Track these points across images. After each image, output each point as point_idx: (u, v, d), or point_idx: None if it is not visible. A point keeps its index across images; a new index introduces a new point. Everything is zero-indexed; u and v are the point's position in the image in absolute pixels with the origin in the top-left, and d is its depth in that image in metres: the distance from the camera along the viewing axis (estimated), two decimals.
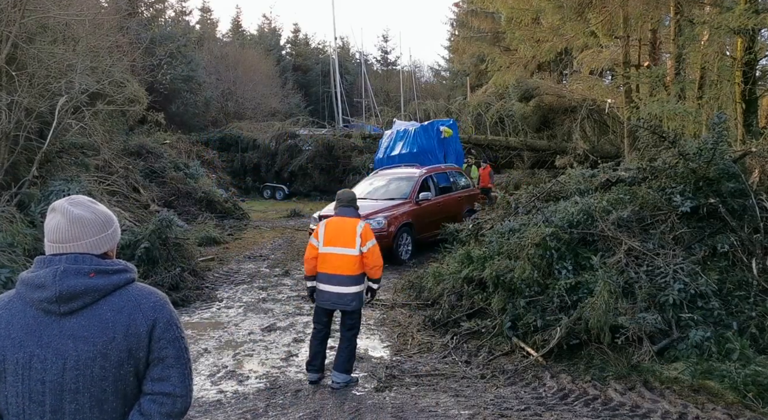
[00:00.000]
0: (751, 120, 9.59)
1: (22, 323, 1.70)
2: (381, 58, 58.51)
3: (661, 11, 11.69)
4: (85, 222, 1.79)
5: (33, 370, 1.68)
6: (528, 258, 6.25)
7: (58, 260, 1.74)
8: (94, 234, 1.80)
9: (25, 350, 1.69)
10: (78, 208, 1.80)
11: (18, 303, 1.72)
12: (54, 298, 1.69)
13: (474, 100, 23.78)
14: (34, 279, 1.71)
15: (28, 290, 1.71)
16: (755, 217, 5.99)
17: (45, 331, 1.70)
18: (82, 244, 1.78)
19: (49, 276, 1.70)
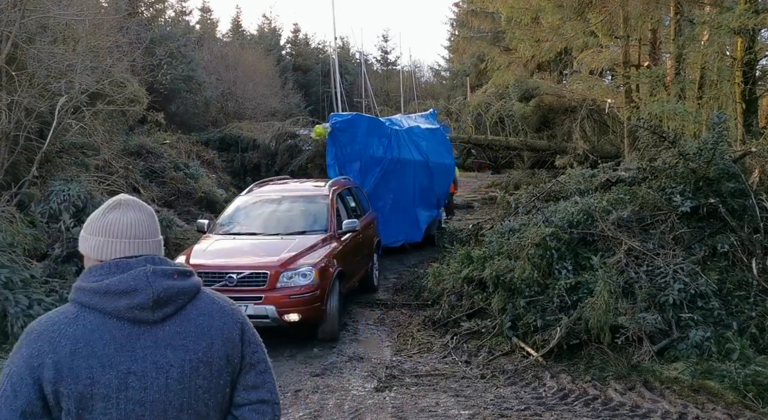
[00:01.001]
0: (751, 120, 9.58)
1: (106, 338, 1.44)
2: (381, 58, 58.53)
3: (661, 11, 11.68)
4: (151, 213, 1.61)
5: (130, 391, 1.44)
6: (528, 258, 6.25)
7: (137, 262, 1.51)
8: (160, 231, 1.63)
9: (118, 368, 1.43)
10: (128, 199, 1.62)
11: (92, 316, 1.45)
12: (149, 304, 1.46)
13: (474, 100, 23.77)
14: (115, 285, 1.45)
15: (106, 299, 1.45)
16: (755, 217, 5.99)
17: (138, 342, 1.46)
18: (157, 241, 1.60)
19: (139, 278, 1.47)
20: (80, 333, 1.44)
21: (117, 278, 1.47)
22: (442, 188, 12.32)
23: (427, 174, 11.52)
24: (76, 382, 1.40)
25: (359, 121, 10.67)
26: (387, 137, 10.79)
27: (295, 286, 6.12)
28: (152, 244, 1.58)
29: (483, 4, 16.03)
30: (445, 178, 12.42)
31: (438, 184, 11.97)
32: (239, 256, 6.53)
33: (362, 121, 10.68)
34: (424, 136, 11.89)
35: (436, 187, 11.90)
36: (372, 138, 10.56)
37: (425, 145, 11.73)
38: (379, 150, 10.57)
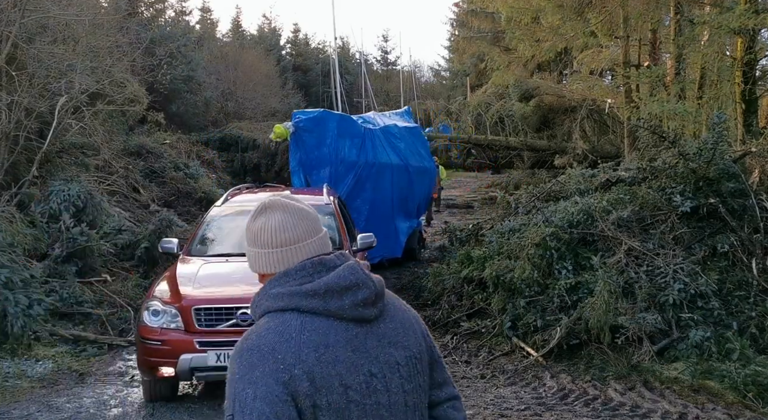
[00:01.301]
0: (751, 120, 9.58)
1: (342, 341, 1.31)
2: (381, 58, 58.55)
3: (661, 11, 11.68)
4: (308, 213, 1.47)
5: (377, 394, 1.32)
6: (528, 258, 6.25)
7: (337, 258, 1.38)
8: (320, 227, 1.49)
9: (362, 371, 1.31)
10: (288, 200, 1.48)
11: (316, 320, 1.31)
12: (372, 298, 1.35)
13: (474, 100, 23.78)
14: (335, 281, 1.32)
15: (328, 298, 1.31)
16: (755, 217, 5.99)
17: (367, 342, 1.34)
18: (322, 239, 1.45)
19: (357, 272, 1.35)
20: (316, 339, 1.29)
21: (333, 275, 1.34)
22: (423, 195, 11.05)
23: (406, 179, 10.12)
24: (331, 392, 1.26)
25: (328, 119, 9.18)
26: (360, 138, 9.37)
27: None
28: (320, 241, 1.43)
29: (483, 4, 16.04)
30: (425, 183, 11.09)
31: (418, 191, 10.65)
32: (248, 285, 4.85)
33: (331, 120, 9.22)
34: (401, 136, 10.44)
35: (417, 193, 10.57)
36: (343, 139, 9.09)
37: (403, 147, 10.31)
38: (352, 153, 9.12)
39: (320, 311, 1.31)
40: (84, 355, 6.20)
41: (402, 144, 10.28)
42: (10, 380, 5.41)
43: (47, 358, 5.95)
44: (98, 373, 5.79)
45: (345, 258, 1.40)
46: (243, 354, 1.28)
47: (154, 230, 8.69)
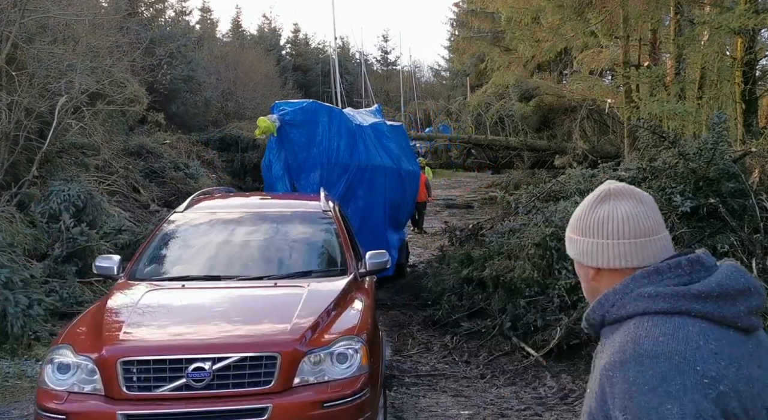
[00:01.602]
0: (751, 120, 9.59)
1: (745, 354, 1.12)
2: (381, 58, 58.60)
3: (661, 11, 11.68)
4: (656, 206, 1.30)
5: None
6: (528, 258, 6.25)
7: (707, 256, 1.22)
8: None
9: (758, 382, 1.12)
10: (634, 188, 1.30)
11: (713, 328, 1.12)
12: (762, 306, 1.17)
13: (474, 100, 23.79)
14: (728, 283, 1.14)
15: (723, 304, 1.13)
16: (755, 217, 5.99)
17: (762, 358, 1.15)
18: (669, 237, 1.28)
19: (746, 275, 1.18)
20: (724, 350, 1.09)
21: (722, 276, 1.16)
22: (411, 202, 10.03)
23: (399, 185, 8.91)
24: (757, 414, 1.08)
25: (319, 111, 7.87)
26: (353, 136, 8.14)
27: (332, 380, 3.34)
28: (668, 239, 1.27)
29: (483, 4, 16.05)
30: (415, 189, 10.12)
31: (409, 198, 9.65)
32: (207, 323, 3.55)
33: (323, 112, 7.91)
34: (391, 136, 9.15)
35: (408, 201, 9.55)
36: (337, 137, 7.88)
37: (394, 147, 9.02)
38: (345, 154, 7.90)
39: (714, 317, 1.12)
40: None
41: (392, 144, 9.00)
42: (10, 380, 5.41)
43: None
44: None
45: (710, 256, 1.22)
46: (643, 361, 1.07)
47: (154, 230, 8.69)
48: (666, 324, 1.11)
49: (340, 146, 7.93)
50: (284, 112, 7.61)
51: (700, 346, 1.08)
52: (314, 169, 7.69)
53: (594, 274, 1.26)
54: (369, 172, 8.21)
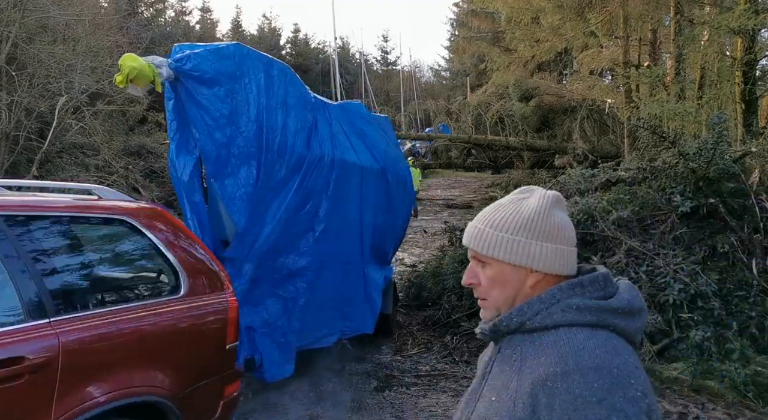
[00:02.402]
0: (751, 120, 9.59)
1: (640, 365, 1.16)
2: (381, 58, 58.61)
3: (661, 11, 11.69)
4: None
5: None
6: None
7: (609, 275, 1.23)
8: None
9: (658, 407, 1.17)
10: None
11: (622, 343, 1.16)
12: (645, 324, 1.22)
13: (474, 100, 23.81)
14: (632, 301, 1.18)
15: (629, 320, 1.17)
16: (755, 217, 5.99)
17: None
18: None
19: (635, 296, 1.20)
20: (638, 364, 1.13)
21: (626, 292, 1.19)
22: (402, 223, 6.70)
23: (384, 195, 5.93)
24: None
25: (248, 62, 4.54)
26: (311, 111, 5.16)
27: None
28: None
29: (483, 4, 16.01)
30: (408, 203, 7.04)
31: (399, 215, 6.50)
32: None
33: (254, 65, 4.58)
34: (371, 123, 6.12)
35: (398, 220, 6.48)
36: (280, 110, 4.69)
37: (379, 139, 6.04)
38: (298, 139, 4.78)
39: (624, 332, 1.15)
40: None
41: (376, 133, 6.02)
42: None
43: None
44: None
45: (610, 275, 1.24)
46: (587, 373, 1.07)
47: None
48: (596, 337, 1.13)
49: (288, 126, 4.70)
50: (183, 58, 4.28)
51: (628, 360, 1.11)
52: (243, 161, 4.42)
53: (537, 280, 1.22)
54: (337, 172, 5.12)
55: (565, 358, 1.10)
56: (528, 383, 1.12)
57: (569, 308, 1.16)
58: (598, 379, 1.07)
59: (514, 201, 1.26)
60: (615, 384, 1.06)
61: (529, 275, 1.21)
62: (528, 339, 1.19)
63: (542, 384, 1.10)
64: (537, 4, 12.78)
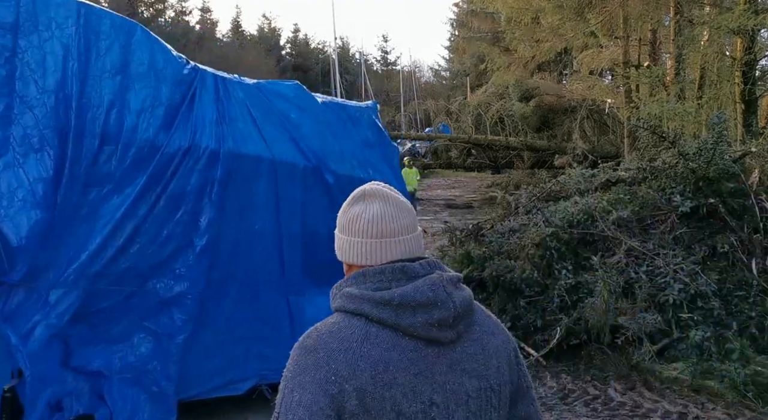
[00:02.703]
0: (751, 120, 9.59)
1: (406, 362, 1.16)
2: (381, 58, 58.65)
3: (661, 11, 11.69)
4: (409, 208, 1.32)
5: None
6: (528, 258, 6.25)
7: (421, 267, 1.24)
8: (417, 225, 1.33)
9: (422, 399, 1.16)
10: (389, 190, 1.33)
11: (382, 332, 1.17)
12: (449, 320, 1.19)
13: (474, 100, 23.81)
14: (411, 295, 1.18)
15: (400, 312, 1.17)
16: (755, 217, 5.99)
17: (435, 367, 1.18)
18: (418, 238, 1.31)
19: (437, 289, 1.20)
20: (376, 354, 1.15)
21: (411, 287, 1.19)
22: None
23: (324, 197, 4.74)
24: (380, 416, 1.13)
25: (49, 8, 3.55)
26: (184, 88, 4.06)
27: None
28: (412, 241, 1.29)
29: (483, 4, 16.02)
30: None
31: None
32: None
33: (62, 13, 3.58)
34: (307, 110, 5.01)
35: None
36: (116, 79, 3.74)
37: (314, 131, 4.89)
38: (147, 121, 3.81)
39: (389, 323, 1.17)
40: None
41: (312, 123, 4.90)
42: None
43: None
44: None
45: (430, 268, 1.24)
46: (301, 352, 1.19)
47: None
48: (343, 322, 1.19)
49: (129, 102, 3.76)
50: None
51: (352, 347, 1.15)
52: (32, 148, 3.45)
53: (347, 268, 1.31)
54: (225, 169, 4.05)
55: (306, 335, 1.22)
56: None
57: (343, 296, 1.22)
58: (305, 359, 1.16)
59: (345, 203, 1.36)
60: (314, 364, 1.15)
61: (344, 264, 1.31)
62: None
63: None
64: (537, 4, 12.79)
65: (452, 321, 1.19)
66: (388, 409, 1.13)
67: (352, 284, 1.24)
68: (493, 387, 1.24)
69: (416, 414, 1.14)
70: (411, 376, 1.15)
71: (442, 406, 1.17)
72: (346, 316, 1.20)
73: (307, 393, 1.13)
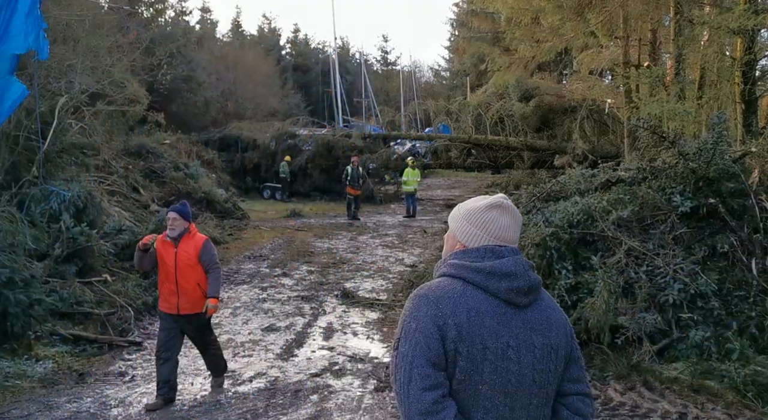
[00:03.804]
0: (751, 120, 9.58)
1: (491, 312, 1.63)
2: (381, 58, 58.59)
3: (661, 11, 11.68)
4: (521, 223, 1.82)
5: (509, 362, 1.62)
6: (528, 258, 6.24)
7: (507, 251, 1.71)
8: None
9: (501, 341, 1.62)
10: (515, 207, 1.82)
11: (476, 291, 1.65)
12: (525, 289, 1.66)
13: (474, 100, 23.77)
14: (499, 267, 1.66)
15: (491, 279, 1.65)
16: (755, 217, 5.99)
17: (512, 322, 1.65)
18: (516, 243, 1.79)
19: (518, 265, 1.68)
20: (471, 304, 1.63)
21: (499, 262, 1.67)
22: None
23: None
24: (472, 345, 1.59)
25: None
26: None
27: None
28: (515, 244, 1.78)
29: (483, 4, 16.00)
30: None
31: None
32: None
33: None
34: None
35: None
36: None
37: None
38: None
39: (481, 285, 1.65)
40: (84, 355, 6.20)
41: None
42: (10, 380, 5.41)
43: (47, 358, 5.95)
44: (98, 373, 5.78)
45: (514, 253, 1.72)
46: (416, 299, 1.67)
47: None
48: (447, 281, 1.69)
49: None
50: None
51: (454, 297, 1.64)
52: None
53: (450, 246, 1.81)
54: None
55: (419, 288, 1.73)
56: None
57: (447, 264, 1.74)
58: (419, 301, 1.67)
59: (477, 199, 1.82)
60: (426, 304, 1.64)
61: (457, 242, 1.78)
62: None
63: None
64: (537, 5, 12.77)
65: (526, 290, 1.67)
66: (477, 342, 1.60)
67: (455, 258, 1.72)
68: (553, 346, 1.69)
69: (496, 349, 1.60)
70: (495, 323, 1.62)
71: (515, 348, 1.62)
72: (449, 278, 1.70)
73: (421, 323, 1.62)
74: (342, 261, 10.93)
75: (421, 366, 1.58)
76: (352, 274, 9.92)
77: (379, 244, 12.79)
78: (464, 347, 1.59)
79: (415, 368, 1.58)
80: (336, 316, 7.65)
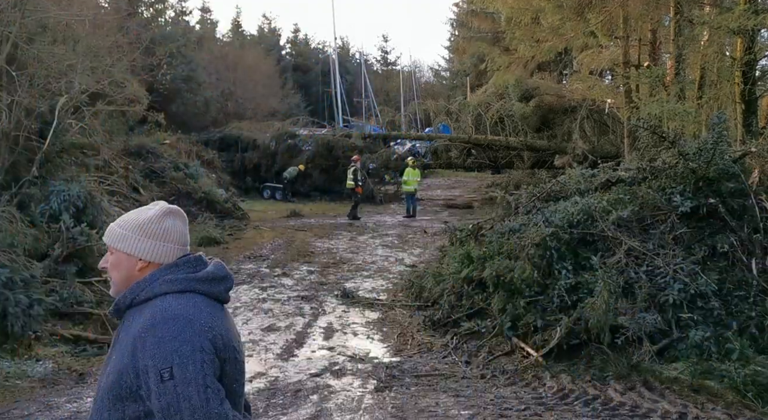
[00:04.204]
0: (751, 120, 9.58)
1: (223, 315, 1.74)
2: (381, 58, 58.59)
3: (661, 11, 11.68)
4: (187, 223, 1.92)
5: (242, 355, 1.76)
6: (528, 258, 6.25)
7: (201, 257, 1.81)
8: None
9: (236, 338, 1.75)
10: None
11: (207, 299, 1.71)
12: (231, 286, 1.80)
13: (474, 100, 23.76)
14: (215, 273, 1.75)
15: (212, 285, 1.74)
16: (755, 217, 5.99)
17: (228, 318, 1.78)
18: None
19: (222, 267, 1.79)
20: (214, 312, 1.70)
21: (213, 268, 1.77)
22: None
23: None
24: (230, 350, 1.68)
25: None
26: None
27: None
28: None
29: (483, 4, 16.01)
30: None
31: None
32: None
33: None
34: None
35: None
36: None
37: None
38: None
39: (207, 292, 1.71)
40: (84, 355, 6.20)
41: None
42: (10, 380, 5.41)
43: (47, 358, 5.95)
44: (98, 373, 5.78)
45: (205, 258, 1.81)
46: (168, 322, 1.60)
47: None
48: (180, 298, 1.66)
49: None
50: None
51: (202, 309, 1.66)
52: None
53: (143, 267, 1.73)
54: None
55: (154, 315, 1.62)
56: (131, 338, 1.62)
57: (164, 282, 1.68)
58: (175, 324, 1.60)
59: (140, 210, 1.79)
60: (187, 324, 1.60)
61: (138, 262, 1.72)
62: (138, 310, 1.68)
63: (139, 337, 1.60)
64: (537, 4, 12.77)
65: (230, 288, 1.80)
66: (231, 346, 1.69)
67: (166, 274, 1.70)
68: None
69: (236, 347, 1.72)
70: (229, 326, 1.74)
71: (238, 346, 1.74)
72: (178, 295, 1.67)
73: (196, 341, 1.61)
74: (342, 261, 10.94)
75: (213, 383, 1.60)
76: (352, 274, 9.92)
77: (379, 244, 12.80)
78: (227, 353, 1.67)
79: (209, 387, 1.58)
80: (336, 316, 7.65)
